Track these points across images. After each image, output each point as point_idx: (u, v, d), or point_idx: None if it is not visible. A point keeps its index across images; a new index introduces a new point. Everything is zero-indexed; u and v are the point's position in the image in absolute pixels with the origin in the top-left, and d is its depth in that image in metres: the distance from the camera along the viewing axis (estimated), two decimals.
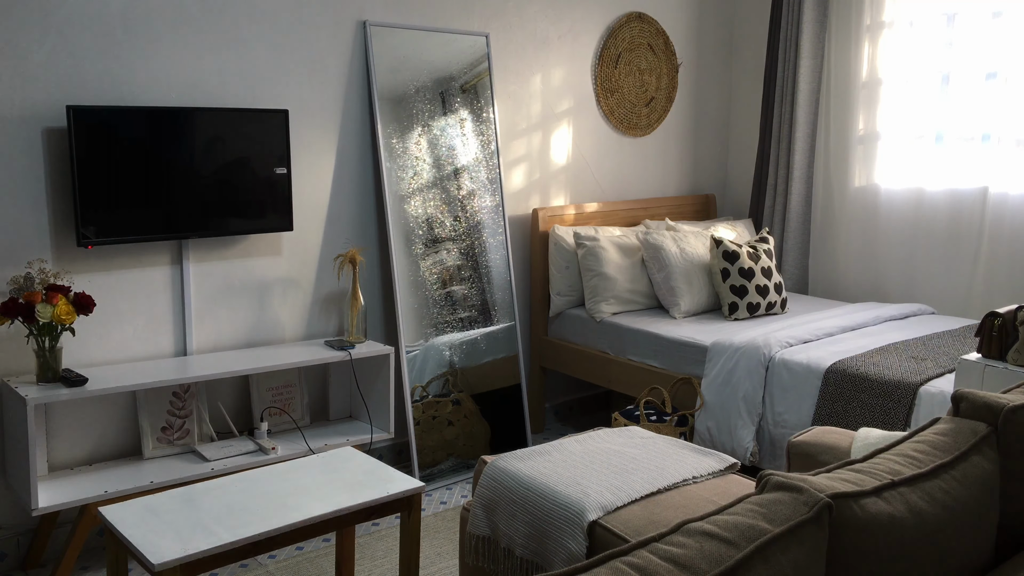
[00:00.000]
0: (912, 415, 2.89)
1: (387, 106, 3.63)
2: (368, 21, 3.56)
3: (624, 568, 1.13)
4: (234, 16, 3.23)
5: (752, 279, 3.94)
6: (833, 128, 4.53)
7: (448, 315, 3.82)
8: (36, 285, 2.78)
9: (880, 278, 4.41)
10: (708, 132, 5.03)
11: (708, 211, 4.93)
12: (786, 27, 4.56)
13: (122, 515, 2.13)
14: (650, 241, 4.06)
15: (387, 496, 2.32)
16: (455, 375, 3.83)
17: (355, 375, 3.54)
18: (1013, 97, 3.86)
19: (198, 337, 3.27)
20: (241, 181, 3.23)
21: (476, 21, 3.93)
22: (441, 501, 3.54)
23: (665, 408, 3.59)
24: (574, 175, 4.42)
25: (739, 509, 1.28)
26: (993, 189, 3.95)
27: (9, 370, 2.90)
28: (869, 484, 1.41)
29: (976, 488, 1.55)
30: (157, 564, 1.92)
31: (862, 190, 4.46)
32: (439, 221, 3.80)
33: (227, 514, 2.16)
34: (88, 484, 2.86)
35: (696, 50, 4.89)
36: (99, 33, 2.95)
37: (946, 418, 1.72)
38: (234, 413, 3.36)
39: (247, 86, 3.29)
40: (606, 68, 4.44)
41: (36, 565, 2.96)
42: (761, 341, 3.39)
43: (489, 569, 2.29)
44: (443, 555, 3.07)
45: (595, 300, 4.03)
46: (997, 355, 2.59)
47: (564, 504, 2.14)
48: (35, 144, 2.87)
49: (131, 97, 3.04)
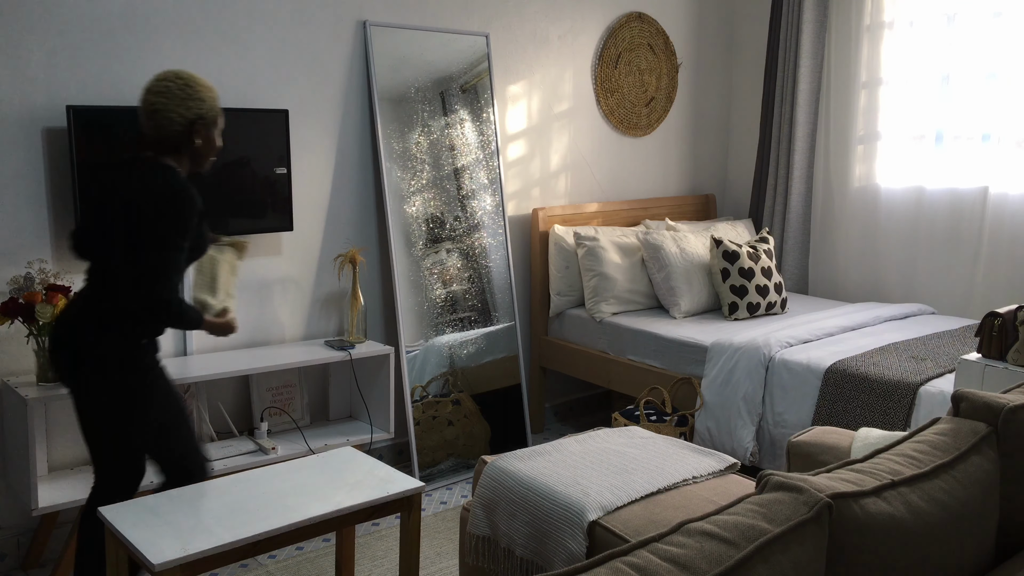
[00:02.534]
0: (912, 415, 2.89)
1: (387, 106, 3.63)
2: (368, 21, 3.56)
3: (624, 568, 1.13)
4: (234, 16, 3.23)
5: (752, 279, 3.94)
6: (833, 128, 4.53)
7: (448, 315, 3.82)
8: (36, 285, 2.78)
9: (880, 278, 4.41)
10: (708, 132, 5.03)
11: (708, 211, 4.93)
12: (786, 27, 4.55)
13: (122, 515, 2.13)
14: (650, 241, 4.06)
15: (387, 496, 2.32)
16: (455, 375, 3.83)
17: (355, 375, 3.54)
18: (1013, 97, 3.86)
19: (198, 337, 3.27)
20: (241, 181, 3.23)
21: (476, 21, 3.93)
22: (441, 501, 3.54)
23: (665, 408, 3.59)
24: (574, 175, 4.42)
25: (739, 509, 1.28)
26: (993, 189, 3.95)
27: (9, 370, 2.90)
28: (869, 484, 1.41)
29: (976, 488, 1.55)
30: (157, 564, 1.92)
31: (862, 190, 4.46)
32: (439, 221, 3.80)
33: (227, 514, 2.16)
34: (88, 484, 2.85)
35: (696, 50, 4.89)
36: (99, 33, 2.95)
37: (946, 418, 1.72)
38: (234, 413, 3.36)
39: (247, 86, 3.29)
40: (606, 68, 4.44)
41: (36, 565, 2.96)
42: (761, 341, 3.39)
43: (489, 569, 2.29)
44: (443, 555, 3.07)
45: (595, 300, 4.03)
46: (997, 355, 2.59)
47: (564, 504, 2.14)
48: (35, 144, 2.87)
49: (131, 97, 3.03)
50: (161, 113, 2.28)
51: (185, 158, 2.36)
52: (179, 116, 2.29)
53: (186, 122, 2.30)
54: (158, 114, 2.28)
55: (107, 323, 2.28)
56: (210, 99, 2.36)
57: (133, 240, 2.21)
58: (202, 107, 2.33)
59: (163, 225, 2.22)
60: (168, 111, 2.28)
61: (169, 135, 2.30)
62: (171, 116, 2.28)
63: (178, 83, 2.30)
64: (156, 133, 2.31)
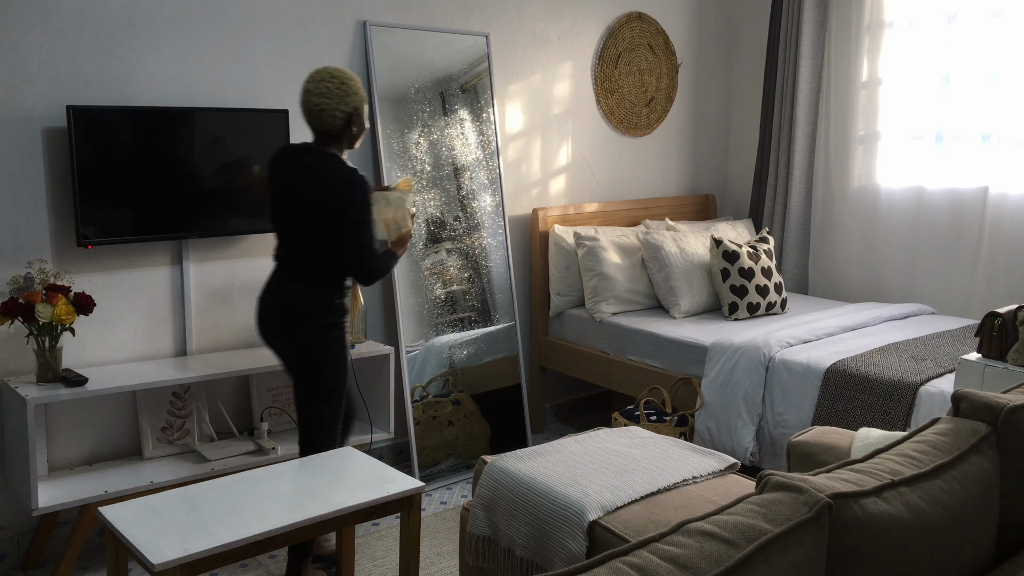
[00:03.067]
0: (912, 415, 2.89)
1: (387, 106, 3.63)
2: (368, 21, 3.56)
3: (624, 568, 1.13)
4: (234, 16, 3.23)
5: (752, 279, 3.94)
6: (833, 128, 4.53)
7: (448, 315, 3.82)
8: (36, 285, 2.78)
9: (880, 278, 4.41)
10: (708, 132, 5.03)
11: (708, 211, 4.93)
12: (786, 27, 4.56)
13: (122, 515, 2.13)
14: (650, 241, 4.06)
15: (387, 496, 2.32)
16: (455, 375, 3.83)
17: (355, 375, 3.54)
18: (1013, 97, 3.86)
19: (198, 337, 3.27)
20: (241, 181, 3.23)
21: (476, 21, 3.93)
22: (441, 501, 3.54)
23: (665, 408, 3.59)
24: (574, 175, 4.42)
25: (739, 509, 1.28)
26: (993, 189, 3.95)
27: (9, 370, 2.90)
28: (869, 484, 1.41)
29: (976, 488, 1.55)
30: (157, 564, 1.91)
31: (862, 190, 4.46)
32: (439, 221, 3.80)
33: (227, 514, 2.16)
34: (88, 484, 2.86)
35: (696, 50, 4.89)
36: (99, 33, 2.95)
37: (946, 418, 1.72)
38: (234, 413, 3.36)
39: (247, 86, 3.29)
40: (606, 68, 4.44)
41: (36, 565, 2.96)
42: (761, 341, 3.39)
43: (489, 569, 2.29)
44: (443, 555, 3.07)
45: (595, 300, 4.03)
46: (997, 355, 2.59)
47: (564, 504, 2.14)
48: (35, 144, 2.87)
49: (131, 97, 3.04)
50: (326, 112, 2.64)
51: (344, 143, 2.74)
52: (340, 112, 2.66)
53: (345, 116, 2.67)
54: (324, 113, 2.65)
55: (315, 290, 2.71)
56: (360, 90, 2.71)
57: (335, 222, 2.63)
58: (356, 100, 2.69)
59: (354, 207, 2.64)
60: (332, 110, 2.64)
61: (332, 128, 2.68)
62: (334, 114, 2.65)
63: (335, 82, 2.65)
64: (321, 128, 2.69)
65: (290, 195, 2.73)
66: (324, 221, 2.64)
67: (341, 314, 2.78)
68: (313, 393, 2.77)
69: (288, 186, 2.73)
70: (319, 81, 2.64)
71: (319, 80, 2.65)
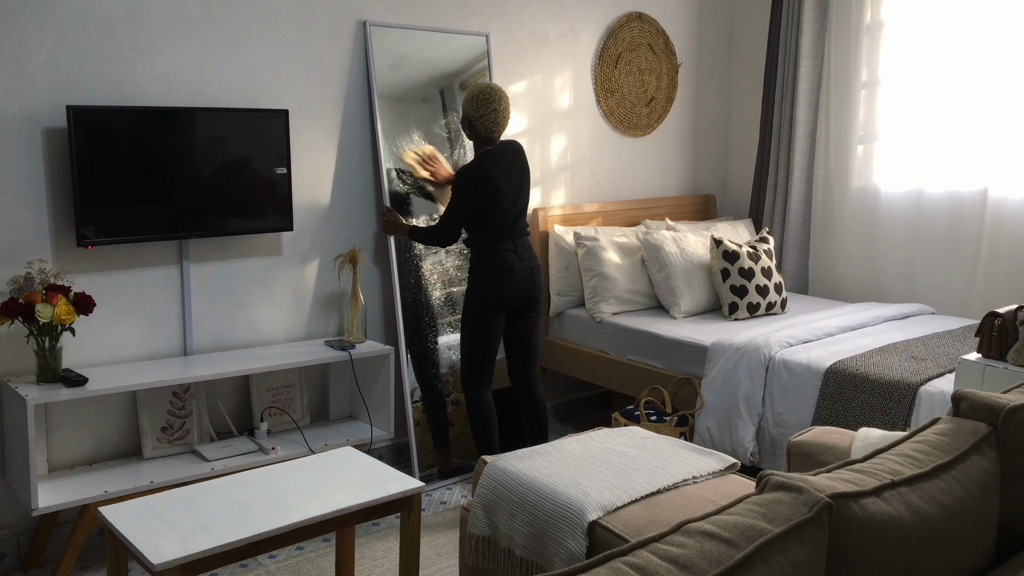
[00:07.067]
0: (912, 415, 2.89)
1: (387, 106, 3.63)
2: (368, 21, 3.56)
3: (624, 568, 1.13)
4: (234, 16, 3.23)
5: (752, 279, 3.94)
6: (833, 128, 4.53)
7: (448, 315, 3.82)
8: (36, 285, 2.78)
9: (880, 278, 4.41)
10: (708, 132, 5.03)
11: (708, 211, 4.93)
12: (786, 27, 4.56)
13: (122, 515, 2.13)
14: (650, 241, 4.06)
15: (387, 496, 2.32)
16: (455, 375, 3.83)
17: (355, 375, 3.54)
18: (1013, 98, 3.86)
19: (198, 337, 3.27)
20: (241, 181, 3.23)
21: (476, 21, 3.93)
22: (441, 501, 3.54)
23: (665, 408, 3.59)
24: (574, 175, 4.42)
25: (739, 509, 1.28)
26: (993, 191, 3.95)
27: (9, 370, 2.90)
28: (869, 484, 1.41)
29: (976, 488, 1.55)
30: (157, 564, 1.92)
31: (862, 190, 4.46)
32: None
33: (227, 514, 2.16)
34: (88, 484, 2.86)
35: (696, 50, 4.89)
36: (99, 33, 2.95)
37: (946, 418, 1.72)
38: (234, 413, 3.36)
39: (247, 86, 3.29)
40: (606, 68, 4.44)
41: (36, 565, 2.96)
42: (761, 341, 3.38)
43: (489, 569, 2.29)
44: (443, 555, 3.07)
45: (595, 300, 4.03)
46: (997, 355, 2.59)
47: (564, 504, 2.14)
48: (35, 144, 2.87)
49: (131, 97, 3.04)
50: (508, 120, 3.38)
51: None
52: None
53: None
54: (507, 120, 3.37)
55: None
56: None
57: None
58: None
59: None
60: (509, 119, 3.40)
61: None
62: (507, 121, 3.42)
63: (506, 98, 3.37)
64: (502, 132, 3.40)
65: (516, 185, 3.39)
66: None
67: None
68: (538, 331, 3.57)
69: (510, 179, 3.35)
70: (503, 97, 3.33)
71: (503, 96, 3.33)
